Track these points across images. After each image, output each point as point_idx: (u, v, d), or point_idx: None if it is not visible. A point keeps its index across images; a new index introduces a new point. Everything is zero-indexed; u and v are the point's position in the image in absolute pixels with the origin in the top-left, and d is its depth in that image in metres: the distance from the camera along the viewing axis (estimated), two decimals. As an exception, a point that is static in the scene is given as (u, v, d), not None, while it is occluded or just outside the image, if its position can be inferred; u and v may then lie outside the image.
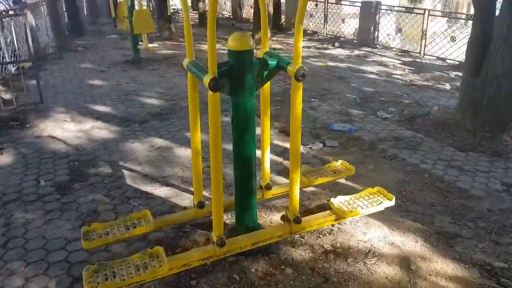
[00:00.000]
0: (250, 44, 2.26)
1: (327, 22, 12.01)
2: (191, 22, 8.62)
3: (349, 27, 11.58)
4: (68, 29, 11.80)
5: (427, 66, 8.19)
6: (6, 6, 12.37)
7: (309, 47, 10.69)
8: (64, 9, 11.86)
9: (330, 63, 8.32)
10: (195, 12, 18.26)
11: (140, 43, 8.00)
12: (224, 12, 17.80)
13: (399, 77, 7.29)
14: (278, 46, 10.62)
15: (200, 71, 2.27)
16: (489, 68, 4.50)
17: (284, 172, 3.69)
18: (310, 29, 12.75)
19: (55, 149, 4.17)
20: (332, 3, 11.77)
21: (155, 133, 4.61)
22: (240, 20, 16.09)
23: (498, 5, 4.70)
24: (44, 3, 10.18)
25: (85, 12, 14.96)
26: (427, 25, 8.68)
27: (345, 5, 11.36)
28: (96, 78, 6.96)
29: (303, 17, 2.18)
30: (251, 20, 15.93)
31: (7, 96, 5.76)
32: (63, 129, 4.74)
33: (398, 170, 3.76)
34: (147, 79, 6.94)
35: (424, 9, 9.14)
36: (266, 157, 2.77)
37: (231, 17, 16.85)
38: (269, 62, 2.41)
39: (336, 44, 10.79)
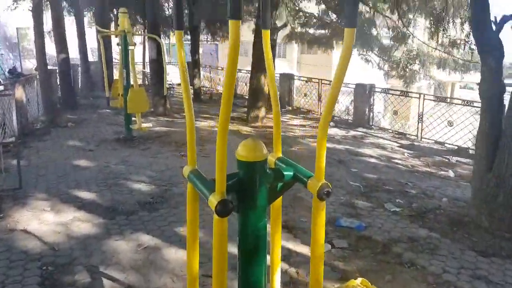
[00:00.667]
0: (263, 154, 1.92)
1: (321, 101, 12.07)
2: None
3: (341, 105, 11.64)
4: (60, 102, 11.65)
5: (426, 150, 8.02)
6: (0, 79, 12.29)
7: (304, 126, 10.59)
8: (58, 83, 11.81)
9: (328, 144, 8.09)
10: (190, 86, 18.54)
11: (133, 119, 7.77)
12: (219, 88, 18.06)
13: (400, 161, 7.06)
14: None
15: (205, 187, 1.90)
16: (502, 165, 4.25)
17: (289, 283, 3.21)
18: (304, 107, 12.80)
19: (27, 249, 3.65)
20: (326, 84, 11.92)
21: (143, 227, 4.14)
22: (234, 96, 16.23)
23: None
24: (37, 76, 10.08)
25: (79, 85, 15.00)
26: (423, 109, 8.68)
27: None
28: (84, 158, 6.58)
29: (326, 131, 1.86)
30: (245, 96, 16.14)
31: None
32: (40, 220, 4.25)
33: (419, 281, 3.30)
34: (138, 160, 6.58)
35: (420, 94, 9.20)
36: (276, 283, 2.31)
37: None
38: (285, 173, 2.06)
39: (331, 123, 10.72)
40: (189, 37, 19.00)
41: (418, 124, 8.87)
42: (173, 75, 18.25)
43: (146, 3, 10.95)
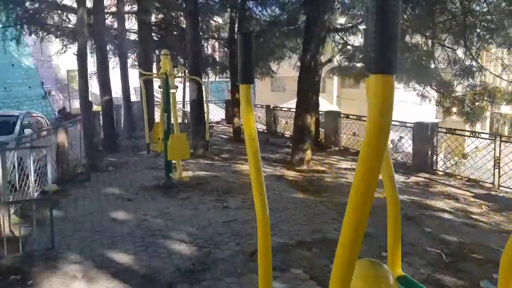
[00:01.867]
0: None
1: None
2: (226, 136, 7.66)
3: (390, 144, 10.84)
4: (102, 144, 11.58)
5: (508, 202, 7.04)
6: (47, 121, 12.49)
7: (353, 169, 9.84)
8: (101, 125, 11.81)
9: (384, 194, 7.33)
10: (229, 125, 18.27)
11: (173, 164, 7.39)
12: (258, 126, 17.71)
13: (480, 217, 6.17)
14: (321, 168, 9.84)
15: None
16: None
17: None
18: (354, 147, 12.09)
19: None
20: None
21: (183, 304, 3.57)
22: (274, 134, 15.78)
23: None
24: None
25: (121, 125, 15.07)
26: (499, 152, 7.73)
27: (395, 125, 10.75)
28: (121, 209, 6.19)
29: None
30: (286, 135, 15.66)
31: (17, 232, 4.97)
32: (70, 291, 3.78)
33: None
34: (177, 212, 6.10)
35: (495, 134, 8.25)
36: None
37: (266, 131, 16.62)
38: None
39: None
40: (223, 74, 19.11)
41: (494, 170, 7.87)
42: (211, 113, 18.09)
43: (187, 44, 10.86)
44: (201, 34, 14.48)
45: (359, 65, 13.07)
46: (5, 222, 4.78)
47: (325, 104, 31.53)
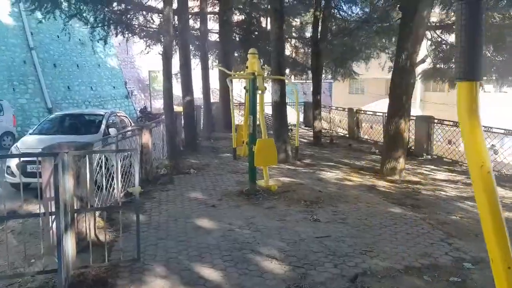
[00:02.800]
0: None
1: (471, 151, 10.10)
2: (305, 140, 6.82)
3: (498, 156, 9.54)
4: (183, 145, 11.56)
5: None
6: (130, 121, 12.81)
7: (453, 182, 8.78)
8: (182, 125, 11.82)
9: None
10: (307, 128, 17.64)
11: (259, 171, 6.96)
12: (339, 130, 16.86)
13: None
14: (414, 179, 8.89)
15: None
16: None
17: None
18: (448, 157, 10.90)
19: None
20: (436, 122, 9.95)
21: None
22: (357, 139, 14.89)
23: None
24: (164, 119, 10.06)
25: (201, 126, 15.10)
26: None
27: (498, 133, 9.46)
28: (206, 217, 5.87)
29: None
30: (370, 140, 14.66)
31: (102, 236, 4.81)
32: (157, 310, 3.44)
33: None
34: (264, 222, 5.64)
35: None
36: None
37: (347, 135, 15.75)
38: None
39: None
40: (302, 75, 18.43)
41: None
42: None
43: (271, 44, 10.44)
44: (283, 33, 14.00)
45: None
46: (91, 227, 4.63)
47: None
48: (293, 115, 20.45)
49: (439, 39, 11.28)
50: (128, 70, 29.68)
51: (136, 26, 16.01)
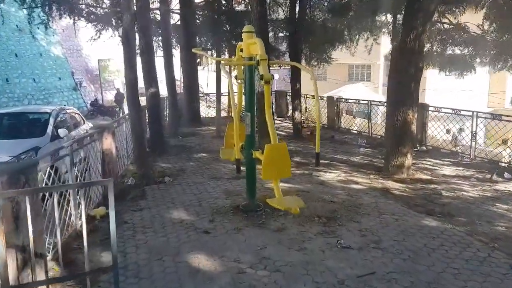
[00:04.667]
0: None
1: (475, 141, 9.20)
2: (283, 133, 5.19)
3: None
4: (149, 145, 9.91)
5: None
6: (83, 118, 10.95)
7: (468, 178, 7.81)
8: (147, 121, 10.11)
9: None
10: (280, 119, 16.29)
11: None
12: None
13: None
14: (424, 176, 7.84)
15: None
16: None
17: None
18: (446, 147, 10.00)
19: None
20: (487, 117, 9.07)
21: None
22: (338, 130, 13.73)
23: None
24: (127, 118, 8.34)
25: (166, 121, 13.36)
26: None
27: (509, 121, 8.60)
28: (200, 250, 4.39)
29: None
30: (353, 131, 13.53)
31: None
32: None
33: None
34: (281, 255, 4.26)
35: None
36: None
37: (326, 126, 14.59)
38: None
39: (506, 175, 7.82)
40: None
41: None
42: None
43: (253, 24, 8.93)
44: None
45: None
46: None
47: (370, 93, 29.15)
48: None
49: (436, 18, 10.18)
50: (75, 59, 27.05)
51: (83, 7, 13.87)
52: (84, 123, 11.58)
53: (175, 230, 4.96)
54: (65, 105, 23.27)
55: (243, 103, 5.64)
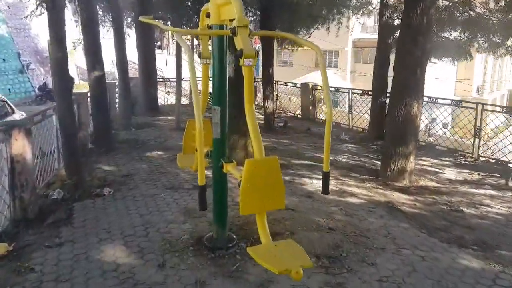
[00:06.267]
0: None
1: (479, 138, 7.95)
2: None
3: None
4: (92, 141, 8.04)
5: None
6: (11, 105, 8.91)
7: (482, 185, 6.49)
8: (90, 113, 8.21)
9: None
10: (258, 110, 14.64)
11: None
12: (291, 110, 14.11)
13: None
14: (429, 183, 6.48)
15: None
16: None
17: None
18: (442, 144, 8.74)
19: None
20: (489, 110, 7.83)
21: None
22: (314, 121, 12.27)
23: None
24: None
25: (116, 110, 11.40)
26: None
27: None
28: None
29: None
30: (333, 123, 11.97)
31: None
32: None
33: None
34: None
35: None
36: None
37: (299, 116, 13.10)
38: None
39: (525, 180, 6.57)
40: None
41: None
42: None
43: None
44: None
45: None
46: None
47: (338, 80, 27.93)
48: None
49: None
50: (22, 39, 24.41)
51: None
52: (13, 112, 9.57)
53: (108, 283, 3.27)
54: (9, 90, 20.92)
55: (211, 91, 3.98)
